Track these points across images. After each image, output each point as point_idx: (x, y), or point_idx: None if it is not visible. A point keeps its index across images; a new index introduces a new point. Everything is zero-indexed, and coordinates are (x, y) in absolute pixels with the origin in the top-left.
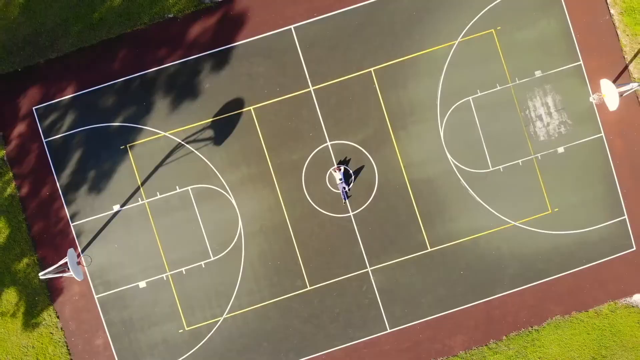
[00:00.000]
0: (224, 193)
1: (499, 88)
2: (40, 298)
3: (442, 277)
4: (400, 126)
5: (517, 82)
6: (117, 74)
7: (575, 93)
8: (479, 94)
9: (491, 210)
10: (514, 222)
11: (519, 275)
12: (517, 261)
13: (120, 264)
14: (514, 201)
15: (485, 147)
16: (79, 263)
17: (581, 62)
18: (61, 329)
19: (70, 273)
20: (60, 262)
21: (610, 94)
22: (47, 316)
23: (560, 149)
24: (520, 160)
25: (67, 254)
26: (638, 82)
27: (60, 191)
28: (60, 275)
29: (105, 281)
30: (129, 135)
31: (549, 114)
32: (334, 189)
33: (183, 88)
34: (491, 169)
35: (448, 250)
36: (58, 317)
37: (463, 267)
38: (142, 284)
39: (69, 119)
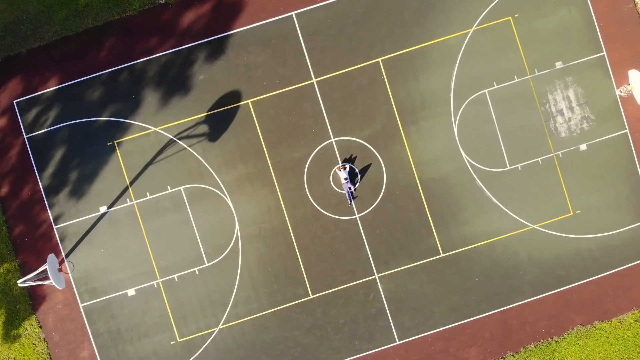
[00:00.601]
0: (220, 193)
1: (517, 80)
2: (21, 307)
3: (455, 284)
4: (410, 121)
5: (537, 73)
6: (104, 64)
7: (598, 86)
8: (496, 87)
9: (508, 212)
10: (533, 225)
11: (538, 282)
12: (536, 267)
13: (107, 270)
14: (533, 202)
15: (502, 144)
16: (60, 270)
17: (604, 52)
18: (44, 339)
19: (51, 281)
20: (40, 269)
21: (639, 86)
22: (29, 326)
23: (583, 147)
24: (539, 159)
25: (47, 260)
26: None
27: (42, 191)
28: (41, 282)
29: (91, 289)
30: (116, 130)
31: (571, 108)
32: (339, 189)
33: (175, 80)
34: (508, 168)
35: (462, 256)
36: (41, 327)
37: (478, 274)
38: (130, 292)
39: (52, 113)
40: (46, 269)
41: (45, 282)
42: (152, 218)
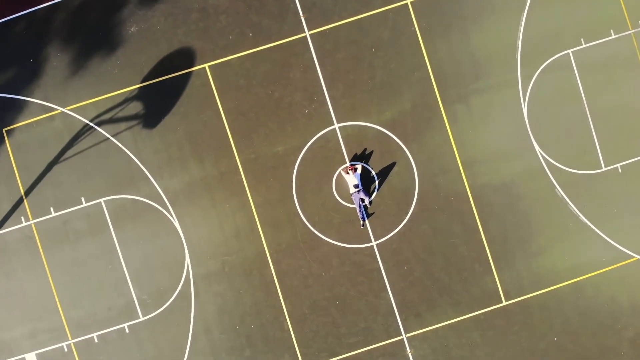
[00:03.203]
0: (161, 209)
1: (613, 37)
2: None
3: (523, 346)
4: (456, 97)
5: None
6: None
7: None
8: (584, 46)
9: (603, 236)
10: (638, 256)
11: None
12: None
13: None
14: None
15: (594, 133)
16: None
17: None
18: None
19: None
20: None
21: None
22: None
23: None
24: None
25: None
26: None
27: None
28: None
29: None
30: (5, 112)
31: None
32: (346, 201)
33: (93, 34)
34: (604, 169)
35: (534, 304)
36: None
37: (557, 330)
38: (30, 357)
39: None
40: None
41: None
42: (58, 246)
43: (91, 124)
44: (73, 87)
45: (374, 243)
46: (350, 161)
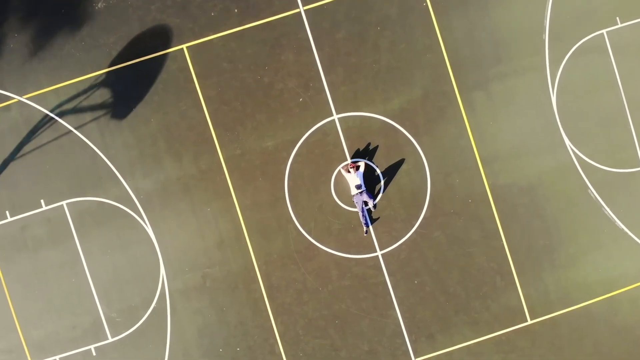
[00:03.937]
0: (132, 214)
1: None
2: None
3: None
4: (474, 84)
5: None
6: None
7: None
8: (620, 26)
9: None
10: None
11: None
12: None
13: None
14: None
15: (632, 126)
16: None
17: None
18: None
19: None
20: None
21: None
22: None
23: None
24: None
25: None
26: None
27: None
28: None
29: None
30: None
31: None
32: (347, 205)
33: (55, 12)
34: None
35: (563, 322)
36: None
37: (589, 352)
38: None
39: None
40: None
41: None
42: (15, 255)
43: (52, 115)
44: (31, 72)
45: (379, 253)
46: (351, 158)
